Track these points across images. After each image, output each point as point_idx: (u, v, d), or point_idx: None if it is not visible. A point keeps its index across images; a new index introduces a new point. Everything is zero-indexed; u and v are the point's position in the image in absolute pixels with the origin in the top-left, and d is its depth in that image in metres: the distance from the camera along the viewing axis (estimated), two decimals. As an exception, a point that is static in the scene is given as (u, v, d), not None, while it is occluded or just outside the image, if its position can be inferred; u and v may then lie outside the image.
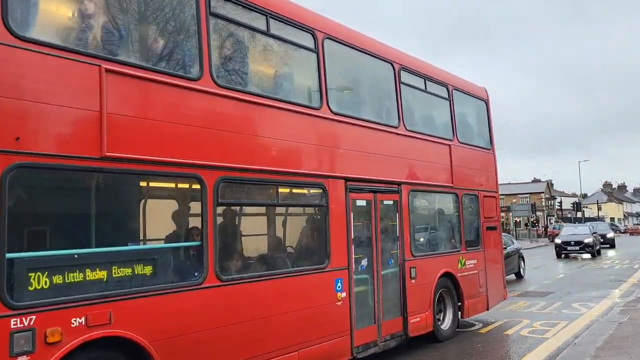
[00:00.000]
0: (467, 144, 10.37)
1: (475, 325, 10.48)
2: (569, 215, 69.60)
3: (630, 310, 10.86)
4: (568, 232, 31.23)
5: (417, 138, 8.84)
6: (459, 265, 9.65)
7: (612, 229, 43.09)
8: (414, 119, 9.13)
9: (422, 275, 8.54)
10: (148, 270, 4.76)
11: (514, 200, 67.98)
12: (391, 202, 8.18)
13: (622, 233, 72.63)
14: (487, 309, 10.51)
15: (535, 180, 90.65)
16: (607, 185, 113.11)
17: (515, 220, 49.02)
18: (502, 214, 63.88)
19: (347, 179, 7.18)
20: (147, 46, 5.23)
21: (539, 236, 54.41)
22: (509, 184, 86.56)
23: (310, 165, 6.63)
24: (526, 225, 55.00)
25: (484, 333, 9.89)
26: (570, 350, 7.76)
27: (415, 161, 8.76)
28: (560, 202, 70.35)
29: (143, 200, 5.06)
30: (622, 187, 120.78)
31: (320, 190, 6.80)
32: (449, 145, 9.74)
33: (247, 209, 6.25)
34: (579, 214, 61.38)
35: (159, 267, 4.89)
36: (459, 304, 9.60)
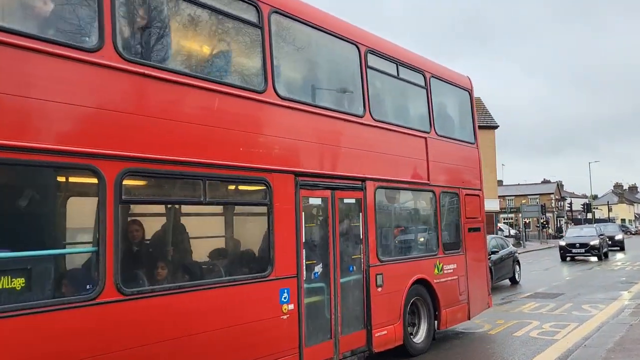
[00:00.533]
0: (446, 137, 9.44)
1: (483, 326, 10.37)
2: (579, 217, 68.74)
3: (641, 312, 10.78)
4: (573, 233, 29.79)
5: (386, 129, 7.90)
6: (436, 270, 8.71)
7: (622, 231, 40.30)
8: (384, 108, 8.20)
9: (390, 283, 7.61)
10: (18, 283, 3.84)
11: (523, 201, 67.16)
12: (353, 201, 7.25)
13: (633, 234, 71.37)
14: (469, 319, 9.58)
15: (545, 181, 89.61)
16: (617, 186, 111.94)
17: (525, 221, 48.03)
18: (512, 215, 64.15)
19: (297, 174, 6.25)
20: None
21: (548, 237, 53.42)
22: (519, 184, 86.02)
23: (250, 157, 5.69)
24: (536, 226, 54.40)
25: (492, 334, 9.76)
26: (581, 352, 7.68)
27: (384, 155, 7.83)
28: (571, 203, 69.70)
29: (18, 197, 4.12)
30: (633, 188, 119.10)
31: (263, 187, 5.86)
32: (425, 138, 8.81)
33: (163, 208, 5.31)
34: (589, 215, 60.93)
35: (35, 280, 3.97)
36: (436, 313, 8.67)
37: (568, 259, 27.47)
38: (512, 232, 47.81)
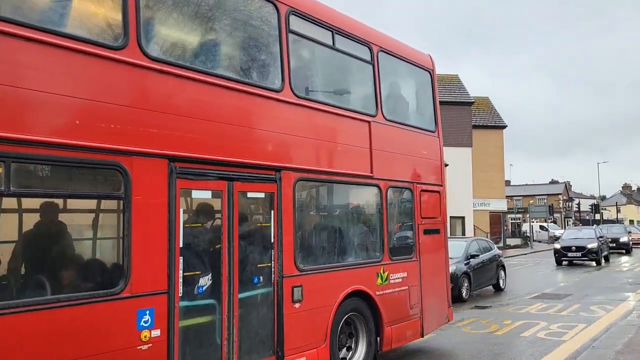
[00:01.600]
0: (398, 123, 8.00)
1: (490, 327, 10.37)
2: (587, 217, 67.85)
3: (650, 313, 10.80)
4: (570, 235, 26.70)
5: (314, 109, 6.47)
6: (379, 280, 7.28)
7: (628, 232, 35.97)
8: (312, 83, 6.77)
9: (313, 297, 6.18)
10: None
11: (531, 202, 66.68)
12: (262, 195, 5.81)
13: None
14: (422, 336, 8.16)
15: (553, 182, 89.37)
16: (626, 187, 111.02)
17: (533, 222, 47.22)
18: (519, 215, 63.48)
19: (173, 159, 4.80)
20: None
21: (556, 239, 52.23)
22: (526, 185, 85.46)
23: (95, 134, 4.25)
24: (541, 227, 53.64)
25: (499, 335, 9.71)
26: (589, 353, 7.67)
27: (310, 140, 6.40)
28: (579, 204, 69.06)
29: None
30: None
31: (115, 174, 4.42)
32: (369, 122, 7.37)
33: None
34: (597, 216, 60.04)
35: None
36: (380, 331, 7.26)
37: (564, 263, 25.16)
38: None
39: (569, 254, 24.73)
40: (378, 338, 7.29)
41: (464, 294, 14.23)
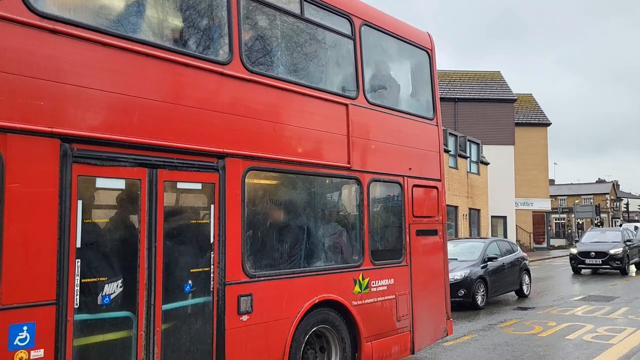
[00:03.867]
0: (385, 108, 6.97)
1: (534, 328, 10.23)
2: (636, 218, 66.32)
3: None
4: (591, 238, 22.62)
5: (271, 86, 5.50)
6: (357, 288, 6.26)
7: None
8: (272, 58, 5.80)
9: (267, 308, 5.22)
10: None
11: (576, 201, 64.86)
12: (198, 186, 4.86)
13: None
14: (412, 352, 7.08)
15: (600, 181, 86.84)
16: None
17: (578, 222, 45.73)
18: (564, 216, 61.94)
19: (67, 139, 3.91)
20: None
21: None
22: (571, 184, 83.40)
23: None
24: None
25: (544, 337, 9.55)
26: (638, 357, 7.53)
27: (265, 123, 5.43)
28: (627, 204, 66.64)
29: None
30: None
31: (-19, 156, 3.55)
32: (347, 105, 6.36)
33: None
34: None
35: None
36: (357, 347, 6.24)
37: (583, 271, 21.81)
38: None
39: (587, 261, 21.07)
40: (356, 354, 6.28)
41: (479, 302, 13.01)
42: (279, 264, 5.59)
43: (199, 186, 4.84)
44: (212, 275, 4.81)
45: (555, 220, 59.10)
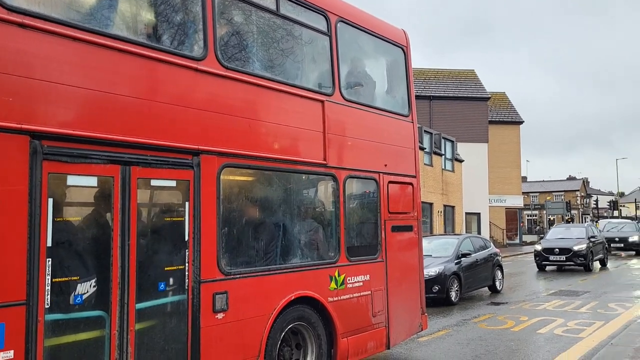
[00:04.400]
0: (361, 105, 7.00)
1: (506, 323, 10.42)
2: (605, 214, 67.71)
3: (670, 311, 10.73)
4: (555, 234, 22.76)
5: (247, 82, 5.47)
6: (333, 284, 6.29)
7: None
8: (248, 54, 5.77)
9: (243, 305, 5.20)
10: None
11: (548, 198, 66.24)
12: (172, 183, 4.81)
13: None
14: (388, 347, 7.14)
15: (571, 178, 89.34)
16: None
17: (550, 218, 46.78)
18: (536, 212, 63.25)
19: (38, 135, 3.82)
20: None
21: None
22: (543, 181, 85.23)
23: None
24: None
25: (516, 331, 9.71)
26: (607, 350, 7.64)
27: (241, 119, 5.40)
28: (597, 201, 68.36)
29: None
30: None
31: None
32: (323, 102, 6.36)
33: None
34: (616, 213, 60.04)
35: None
36: (333, 342, 6.27)
37: (546, 268, 21.43)
38: None
39: (551, 258, 20.81)
40: (332, 350, 6.30)
41: (453, 297, 13.15)
42: (254, 261, 5.57)
43: (173, 183, 4.79)
44: (187, 273, 4.76)
45: (528, 216, 60.43)
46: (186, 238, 4.79)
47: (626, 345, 7.78)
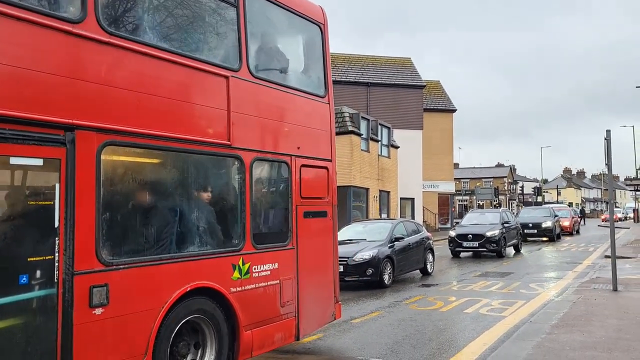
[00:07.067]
0: (272, 83, 6.57)
1: (436, 304, 10.72)
2: (530, 200, 70.73)
3: (583, 290, 11.34)
4: (470, 220, 22.64)
5: (135, 51, 4.91)
6: (236, 274, 5.87)
7: (555, 217, 29.89)
8: (140, 21, 5.20)
9: (127, 299, 4.70)
10: None
11: (478, 184, 68.32)
12: (38, 162, 4.21)
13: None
14: (297, 338, 6.84)
15: (499, 165, 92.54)
16: (567, 171, 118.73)
17: (479, 204, 48.33)
18: (467, 197, 65.12)
19: None
20: None
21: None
22: (474, 167, 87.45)
23: None
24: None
25: (444, 311, 10.01)
26: (527, 327, 8.05)
27: (127, 92, 4.84)
28: (522, 187, 70.86)
29: None
30: (581, 174, 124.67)
31: None
32: (228, 77, 5.89)
33: None
34: (539, 199, 62.63)
35: None
36: (236, 335, 5.87)
37: (462, 255, 21.13)
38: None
39: (465, 244, 20.50)
40: (235, 344, 5.91)
41: (386, 280, 13.17)
42: (143, 249, 5.07)
43: (39, 162, 4.20)
44: (56, 264, 4.21)
45: (459, 201, 62.34)
46: (56, 225, 4.23)
47: (544, 322, 8.22)
